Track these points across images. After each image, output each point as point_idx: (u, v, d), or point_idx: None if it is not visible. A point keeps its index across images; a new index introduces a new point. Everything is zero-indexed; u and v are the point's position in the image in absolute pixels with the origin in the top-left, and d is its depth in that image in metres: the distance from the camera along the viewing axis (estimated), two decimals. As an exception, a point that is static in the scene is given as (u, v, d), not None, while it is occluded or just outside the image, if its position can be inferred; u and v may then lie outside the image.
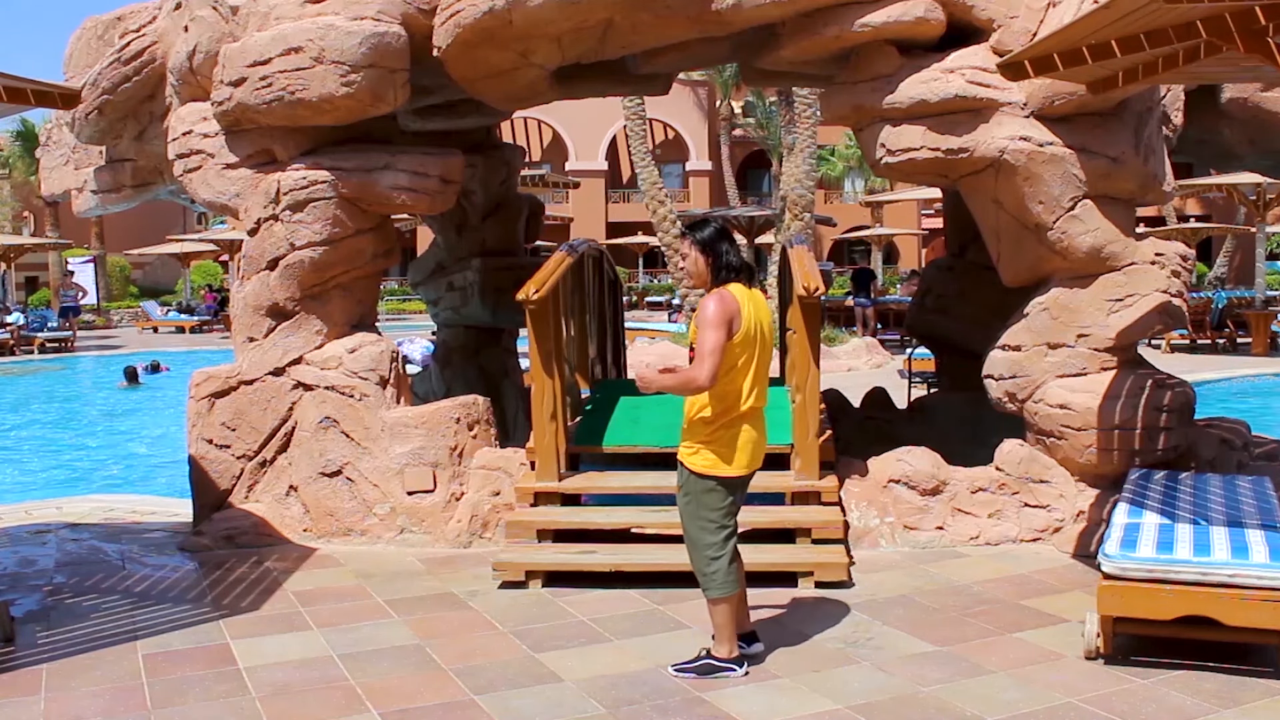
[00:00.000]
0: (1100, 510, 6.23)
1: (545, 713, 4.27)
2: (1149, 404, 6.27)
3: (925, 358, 11.27)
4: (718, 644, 4.64)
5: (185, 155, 7.31)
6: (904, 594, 5.65)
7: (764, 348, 4.58)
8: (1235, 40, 4.27)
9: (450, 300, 9.78)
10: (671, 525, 6.31)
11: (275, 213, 6.95)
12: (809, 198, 20.01)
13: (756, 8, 6.34)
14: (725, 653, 4.61)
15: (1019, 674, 4.58)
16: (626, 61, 7.48)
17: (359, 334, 7.20)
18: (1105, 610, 4.61)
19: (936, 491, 6.49)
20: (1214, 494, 5.49)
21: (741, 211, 28.47)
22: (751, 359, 4.52)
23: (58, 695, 4.51)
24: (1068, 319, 6.44)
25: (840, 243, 46.49)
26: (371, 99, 6.67)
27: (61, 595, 5.90)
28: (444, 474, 6.77)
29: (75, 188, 9.15)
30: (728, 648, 4.61)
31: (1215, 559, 4.48)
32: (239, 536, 6.84)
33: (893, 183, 35.96)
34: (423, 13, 6.65)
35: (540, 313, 6.41)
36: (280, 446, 7.07)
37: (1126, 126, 6.33)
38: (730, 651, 4.61)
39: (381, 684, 4.59)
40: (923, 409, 9.08)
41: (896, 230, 41.77)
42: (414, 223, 25.12)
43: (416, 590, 5.89)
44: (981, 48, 6.36)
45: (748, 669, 4.61)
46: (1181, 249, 6.58)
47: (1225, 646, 4.60)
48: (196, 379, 7.18)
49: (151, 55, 7.70)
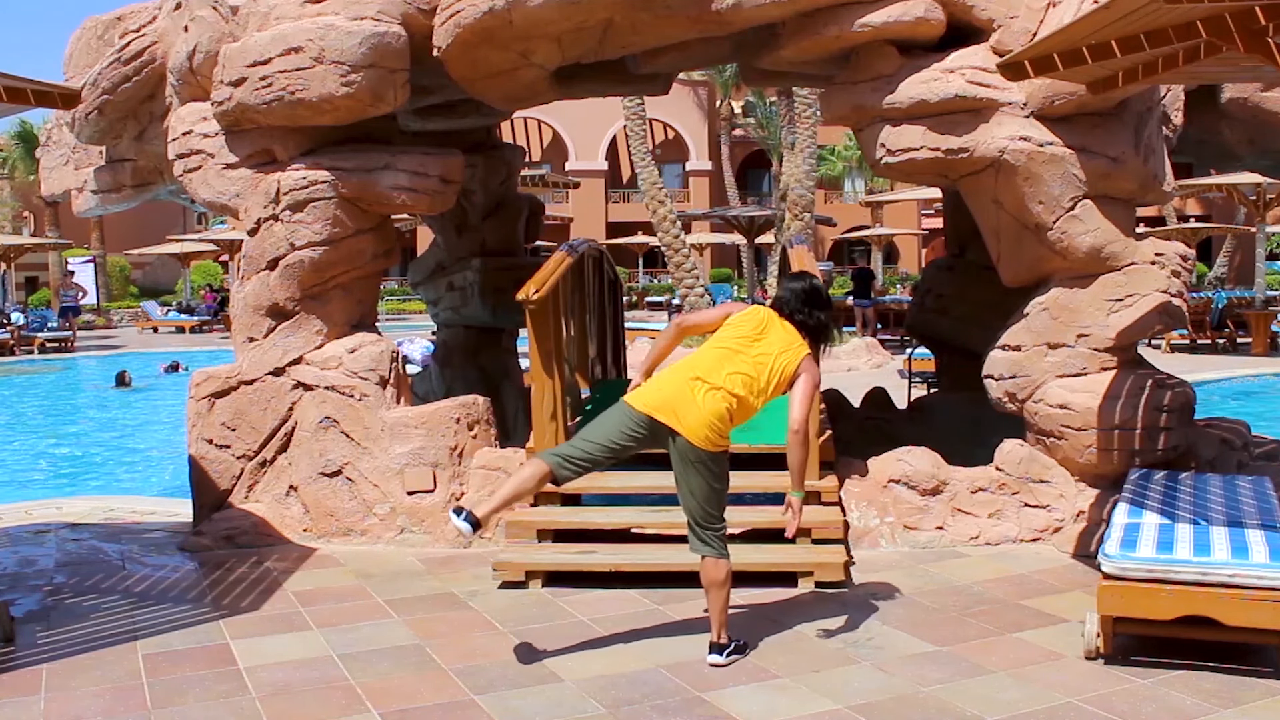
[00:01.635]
0: (1100, 510, 6.23)
1: (545, 713, 4.27)
2: (1149, 404, 6.27)
3: (925, 358, 11.26)
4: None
5: (185, 155, 7.30)
6: (904, 594, 5.65)
7: (740, 355, 4.77)
8: (1235, 40, 4.27)
9: (450, 300, 9.78)
10: (672, 525, 6.31)
11: (275, 213, 6.95)
12: (809, 198, 20.02)
13: (756, 8, 6.34)
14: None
15: (1019, 674, 4.58)
16: (626, 61, 7.48)
17: (359, 334, 7.20)
18: (1105, 610, 4.61)
19: (936, 491, 6.49)
20: (1214, 494, 5.49)
21: (741, 211, 28.45)
22: (723, 343, 4.79)
23: (58, 695, 4.51)
24: (1068, 319, 6.44)
25: (840, 243, 46.51)
26: (371, 99, 6.67)
27: (61, 595, 5.90)
28: (444, 474, 6.77)
29: (75, 188, 9.14)
30: None
31: (1215, 559, 4.48)
32: (239, 536, 6.84)
33: (893, 183, 36.01)
34: (423, 13, 6.65)
35: (540, 313, 6.41)
36: (280, 446, 7.07)
37: (1126, 126, 6.33)
38: None
39: (381, 684, 4.59)
40: (923, 409, 9.08)
41: (896, 230, 41.80)
42: (414, 223, 25.12)
43: (416, 590, 5.89)
44: (981, 48, 6.37)
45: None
46: (1181, 249, 6.58)
47: (1225, 646, 4.60)
48: (196, 379, 7.18)
49: (151, 55, 7.70)
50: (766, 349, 4.77)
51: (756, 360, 4.73)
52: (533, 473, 4.75)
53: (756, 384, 4.71)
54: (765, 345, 4.77)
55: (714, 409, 4.62)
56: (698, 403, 4.63)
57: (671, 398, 4.67)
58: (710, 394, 4.65)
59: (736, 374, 4.70)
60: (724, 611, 4.74)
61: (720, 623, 4.74)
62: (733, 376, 4.69)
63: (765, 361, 4.74)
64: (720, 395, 4.65)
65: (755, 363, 4.73)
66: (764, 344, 4.77)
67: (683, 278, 20.60)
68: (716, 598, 4.71)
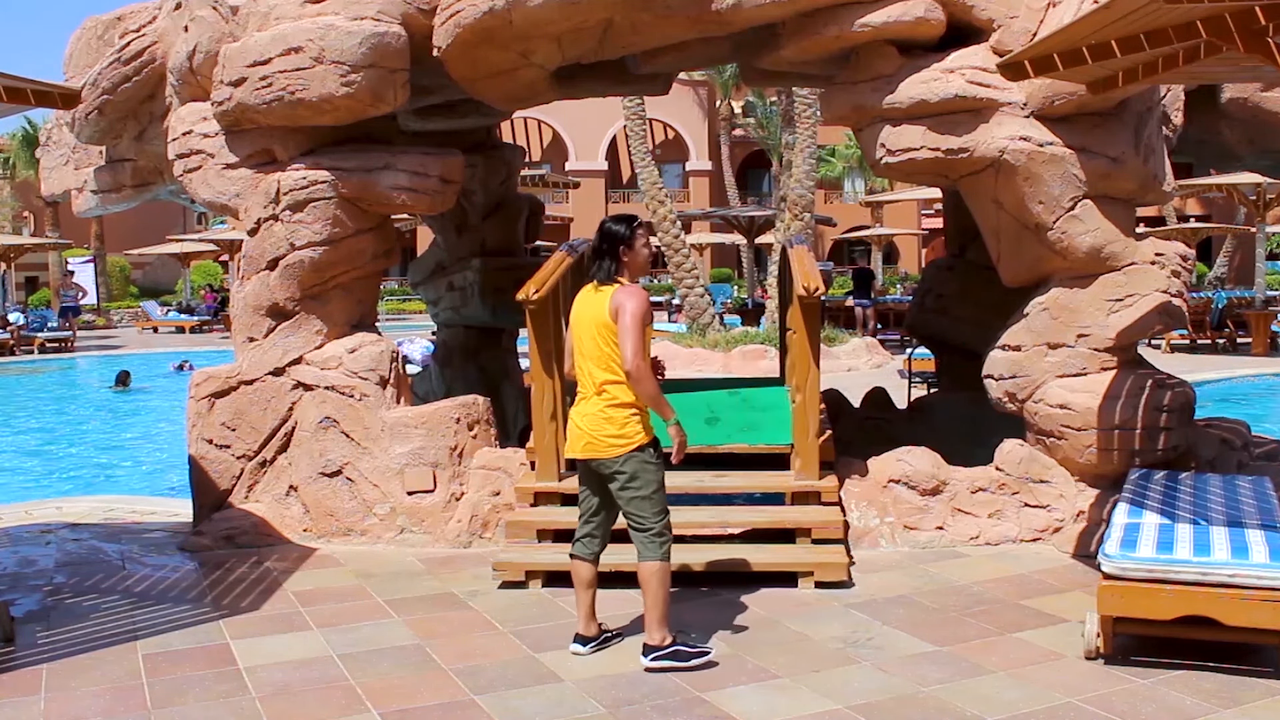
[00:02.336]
0: (1100, 510, 6.23)
1: (545, 713, 4.27)
2: (1149, 404, 6.27)
3: (925, 358, 11.26)
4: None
5: (185, 155, 7.31)
6: (904, 594, 5.65)
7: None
8: (1235, 40, 4.27)
9: (450, 300, 9.78)
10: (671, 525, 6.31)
11: (275, 213, 6.95)
12: (809, 198, 20.00)
13: (756, 8, 6.34)
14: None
15: (1019, 674, 4.58)
16: (626, 61, 7.48)
17: (359, 334, 7.20)
18: (1105, 610, 4.61)
19: (936, 491, 6.49)
20: (1214, 494, 5.49)
21: (741, 211, 28.46)
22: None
23: (58, 695, 4.51)
24: (1068, 319, 6.44)
25: (840, 243, 46.51)
26: (371, 99, 6.67)
27: (61, 595, 5.90)
28: (444, 474, 6.77)
29: (75, 188, 9.14)
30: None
31: (1215, 559, 4.48)
32: (239, 536, 6.84)
33: (893, 183, 35.97)
34: (423, 13, 6.65)
35: (540, 313, 6.41)
36: (280, 446, 7.07)
37: (1126, 126, 6.33)
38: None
39: (381, 684, 4.59)
40: (923, 409, 9.08)
41: (896, 230, 41.79)
42: (414, 223, 25.11)
43: (416, 590, 5.89)
44: (981, 48, 6.36)
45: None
46: (1181, 249, 6.58)
47: (1225, 646, 4.60)
48: (196, 379, 7.19)
49: (151, 55, 7.70)
50: (581, 319, 4.80)
51: (586, 339, 4.75)
52: (579, 574, 4.90)
53: (605, 356, 4.69)
54: (580, 319, 4.81)
55: (591, 414, 4.72)
56: (578, 424, 4.77)
57: (570, 434, 4.86)
58: (582, 404, 4.78)
59: (589, 365, 4.74)
60: (653, 610, 4.69)
61: (653, 620, 4.70)
62: (592, 371, 4.73)
63: (589, 331, 4.74)
64: (591, 402, 4.73)
65: (589, 342, 4.74)
66: (580, 320, 4.81)
67: (683, 278, 20.59)
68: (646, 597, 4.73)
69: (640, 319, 4.63)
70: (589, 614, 4.92)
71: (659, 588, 4.68)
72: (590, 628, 4.93)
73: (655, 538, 4.69)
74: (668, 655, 4.65)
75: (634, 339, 4.59)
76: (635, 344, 4.59)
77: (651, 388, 4.64)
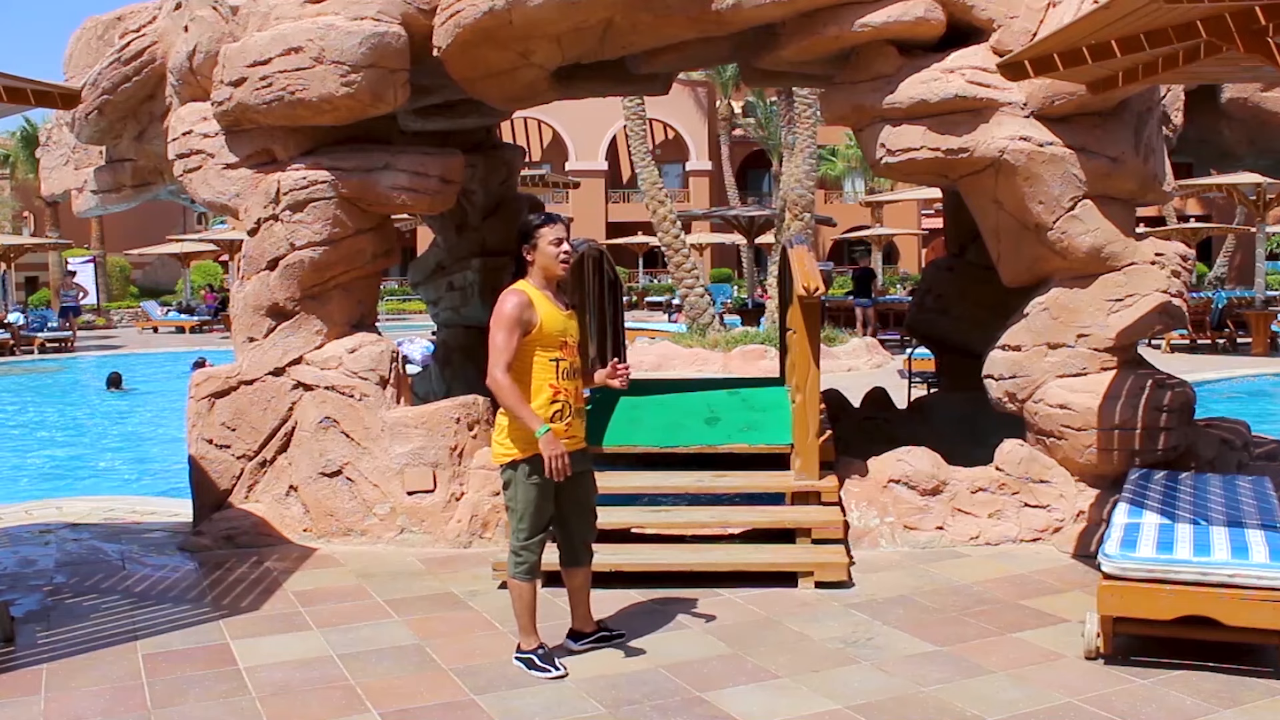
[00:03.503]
0: (1100, 510, 6.23)
1: (545, 713, 4.27)
2: (1149, 404, 6.27)
3: (925, 358, 11.26)
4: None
5: (185, 155, 7.31)
6: (904, 594, 5.65)
7: None
8: (1235, 40, 4.27)
9: (450, 300, 9.78)
10: (672, 525, 6.33)
11: (275, 213, 6.95)
12: (809, 198, 20.00)
13: (756, 8, 6.34)
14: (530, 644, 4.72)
15: (1019, 674, 4.58)
16: (626, 61, 7.48)
17: (359, 334, 7.20)
18: (1105, 610, 4.61)
19: (936, 491, 6.49)
20: (1214, 494, 5.49)
21: (741, 211, 28.46)
22: None
23: (58, 695, 4.51)
24: (1068, 319, 6.44)
25: (840, 243, 46.52)
26: (371, 99, 6.67)
27: (61, 595, 5.90)
28: (444, 474, 6.77)
29: (75, 188, 9.14)
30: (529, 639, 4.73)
31: (1215, 559, 4.48)
32: (239, 536, 6.84)
33: (893, 183, 35.99)
34: (423, 13, 6.65)
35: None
36: (280, 446, 7.07)
37: (1126, 126, 6.33)
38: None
39: (381, 684, 4.59)
40: (923, 409, 9.08)
41: (896, 230, 41.79)
42: (414, 223, 25.14)
43: (416, 590, 5.89)
44: (981, 48, 6.37)
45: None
46: (1181, 249, 6.58)
47: (1225, 646, 4.60)
48: (196, 379, 7.19)
49: (151, 55, 7.70)
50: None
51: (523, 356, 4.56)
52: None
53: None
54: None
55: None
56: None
57: None
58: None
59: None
60: (519, 618, 4.70)
61: (520, 627, 4.72)
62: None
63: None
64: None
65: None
66: None
67: (683, 278, 20.59)
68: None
69: (505, 324, 4.44)
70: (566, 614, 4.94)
71: (513, 600, 4.70)
72: (585, 625, 4.95)
73: (513, 555, 4.66)
74: (522, 660, 4.70)
75: (495, 345, 4.44)
76: (495, 351, 4.43)
77: (508, 398, 4.43)
